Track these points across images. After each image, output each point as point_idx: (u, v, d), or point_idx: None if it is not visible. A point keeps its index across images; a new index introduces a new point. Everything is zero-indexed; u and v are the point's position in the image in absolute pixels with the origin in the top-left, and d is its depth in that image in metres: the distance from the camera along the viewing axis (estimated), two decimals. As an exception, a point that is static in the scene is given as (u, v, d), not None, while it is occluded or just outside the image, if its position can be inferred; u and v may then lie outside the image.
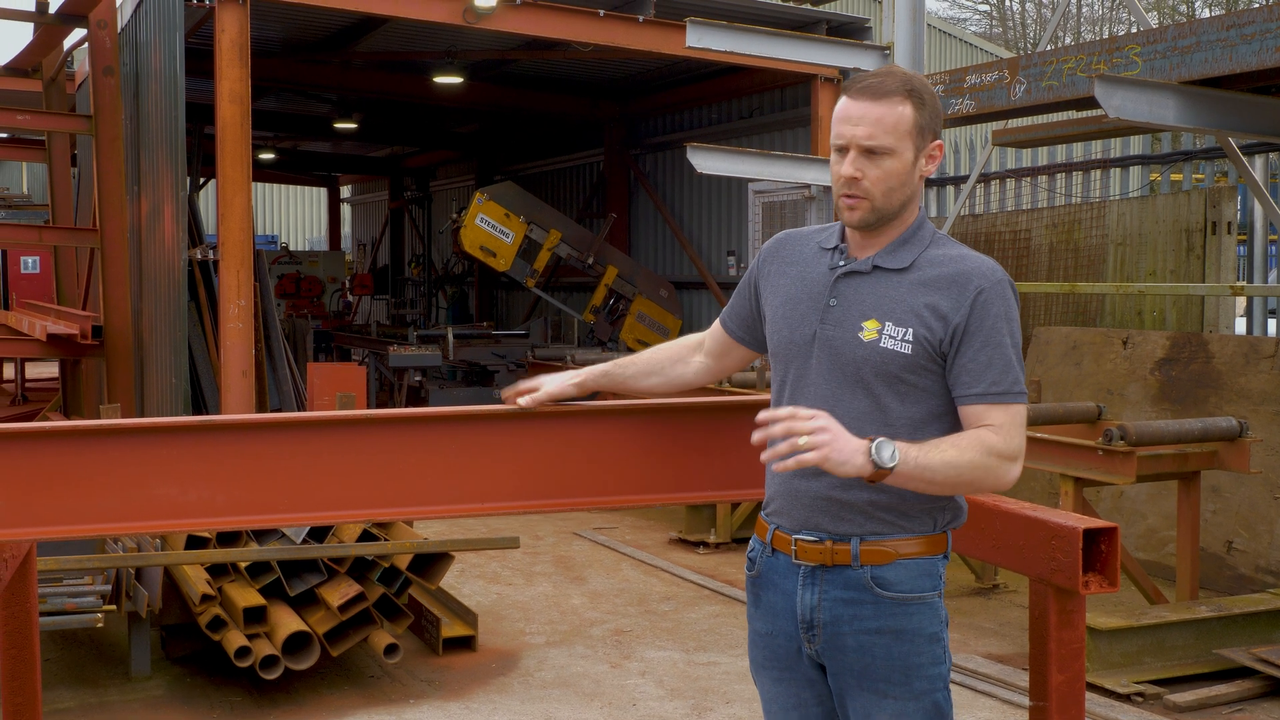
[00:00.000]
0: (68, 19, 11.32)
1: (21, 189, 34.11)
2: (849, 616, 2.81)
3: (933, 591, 2.83)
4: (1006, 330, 2.72)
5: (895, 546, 2.79)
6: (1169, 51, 6.72)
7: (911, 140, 2.75)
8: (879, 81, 2.76)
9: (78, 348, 10.85)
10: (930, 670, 2.83)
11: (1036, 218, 11.32)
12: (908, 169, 2.77)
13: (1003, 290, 2.74)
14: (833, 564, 2.81)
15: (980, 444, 2.68)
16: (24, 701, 3.47)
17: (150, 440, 2.99)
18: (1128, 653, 6.37)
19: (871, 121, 2.73)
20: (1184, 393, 8.86)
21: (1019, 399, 2.73)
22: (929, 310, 2.73)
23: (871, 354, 2.75)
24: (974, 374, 2.71)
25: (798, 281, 2.91)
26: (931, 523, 2.83)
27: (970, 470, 2.67)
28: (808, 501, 2.84)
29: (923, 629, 2.82)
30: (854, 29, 11.72)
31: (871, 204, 2.76)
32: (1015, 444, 2.71)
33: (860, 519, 2.79)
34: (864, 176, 2.74)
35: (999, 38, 41.12)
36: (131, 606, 6.14)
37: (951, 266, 2.76)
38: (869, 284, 2.81)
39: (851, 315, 2.79)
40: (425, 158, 23.60)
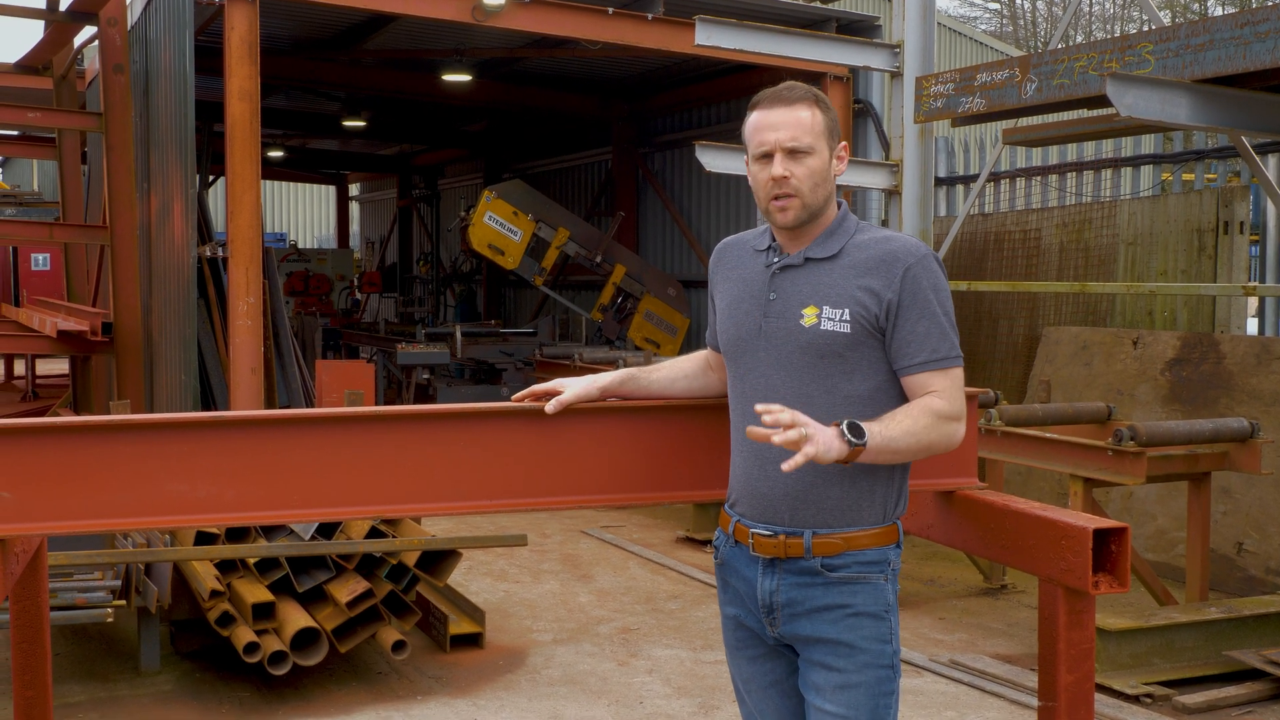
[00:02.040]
0: (78, 16, 11.33)
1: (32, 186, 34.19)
2: (802, 598, 2.98)
3: (879, 575, 2.98)
4: (936, 300, 2.92)
5: (845, 538, 2.96)
6: (1182, 50, 6.70)
7: (825, 140, 2.98)
8: (787, 91, 2.99)
9: (88, 344, 10.86)
10: (875, 646, 2.97)
11: (1047, 217, 11.30)
12: (826, 166, 2.99)
13: (928, 264, 2.93)
14: (786, 556, 2.97)
15: (929, 410, 2.87)
16: (35, 695, 3.47)
17: (159, 436, 3.00)
18: (1137, 654, 6.36)
19: (792, 125, 2.95)
20: (1195, 393, 8.84)
21: (956, 363, 2.94)
22: (863, 290, 2.91)
23: (814, 337, 2.93)
24: (914, 345, 2.90)
25: (739, 283, 3.11)
26: (881, 514, 2.99)
27: (925, 434, 2.86)
28: (765, 493, 2.99)
29: (867, 606, 2.96)
30: (864, 27, 11.71)
31: (802, 201, 2.95)
32: (958, 405, 2.93)
33: (814, 512, 2.95)
34: (792, 175, 2.94)
35: (1009, 36, 41.05)
36: (141, 602, 6.16)
37: (878, 249, 2.95)
38: (803, 275, 3.00)
39: (791, 305, 2.97)
40: (434, 156, 23.61)
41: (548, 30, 10.61)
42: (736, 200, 15.46)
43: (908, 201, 9.31)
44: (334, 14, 12.54)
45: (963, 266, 11.63)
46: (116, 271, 10.95)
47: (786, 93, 2.98)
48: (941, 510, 3.51)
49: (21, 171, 39.53)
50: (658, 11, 10.47)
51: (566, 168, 19.82)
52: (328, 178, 27.67)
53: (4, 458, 2.93)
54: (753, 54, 9.28)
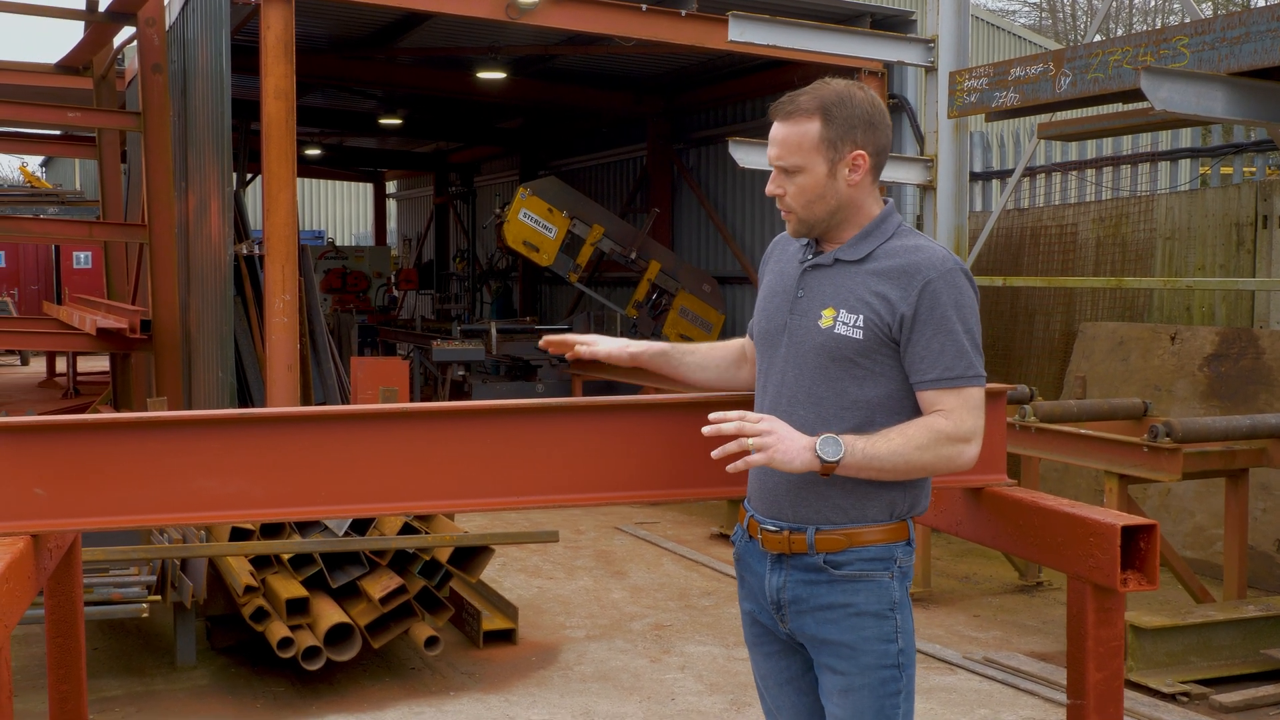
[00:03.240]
0: (117, 17, 11.44)
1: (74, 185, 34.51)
2: (807, 595, 2.96)
3: (884, 573, 2.93)
4: (957, 317, 2.84)
5: (848, 534, 2.92)
6: (1217, 42, 6.64)
7: (820, 154, 2.90)
8: (793, 105, 2.92)
9: (126, 342, 10.97)
10: (878, 646, 2.93)
11: (1083, 212, 11.22)
12: (821, 182, 2.91)
13: (952, 279, 2.85)
14: (791, 552, 2.95)
15: (929, 430, 2.81)
16: (70, 689, 3.50)
17: (190, 432, 3.03)
18: (1173, 652, 6.31)
19: (779, 142, 2.93)
20: (1233, 389, 8.77)
21: (972, 382, 2.85)
22: (877, 298, 2.86)
23: (828, 340, 2.90)
24: (927, 361, 2.84)
25: (777, 276, 3.10)
26: (888, 511, 2.94)
27: (919, 454, 2.80)
28: (772, 487, 2.99)
29: (870, 605, 2.93)
30: (898, 22, 11.67)
31: (797, 216, 2.96)
32: (967, 426, 2.84)
33: (817, 506, 2.92)
34: (785, 193, 2.95)
35: (1048, 30, 40.77)
36: (177, 597, 6.21)
37: (904, 258, 2.88)
38: (830, 275, 2.96)
39: (814, 305, 2.95)
40: (470, 153, 23.67)
41: (581, 27, 10.63)
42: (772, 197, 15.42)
43: (943, 197, 9.26)
44: (369, 13, 12.60)
45: (998, 262, 11.57)
46: (155, 269, 11.05)
47: (787, 105, 2.93)
48: (970, 507, 3.50)
49: (64, 171, 39.93)
50: (691, 8, 10.47)
51: (601, 164, 19.84)
52: (365, 175, 27.82)
53: (37, 455, 2.97)
54: (786, 50, 9.24)
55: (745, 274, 15.73)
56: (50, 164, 41.30)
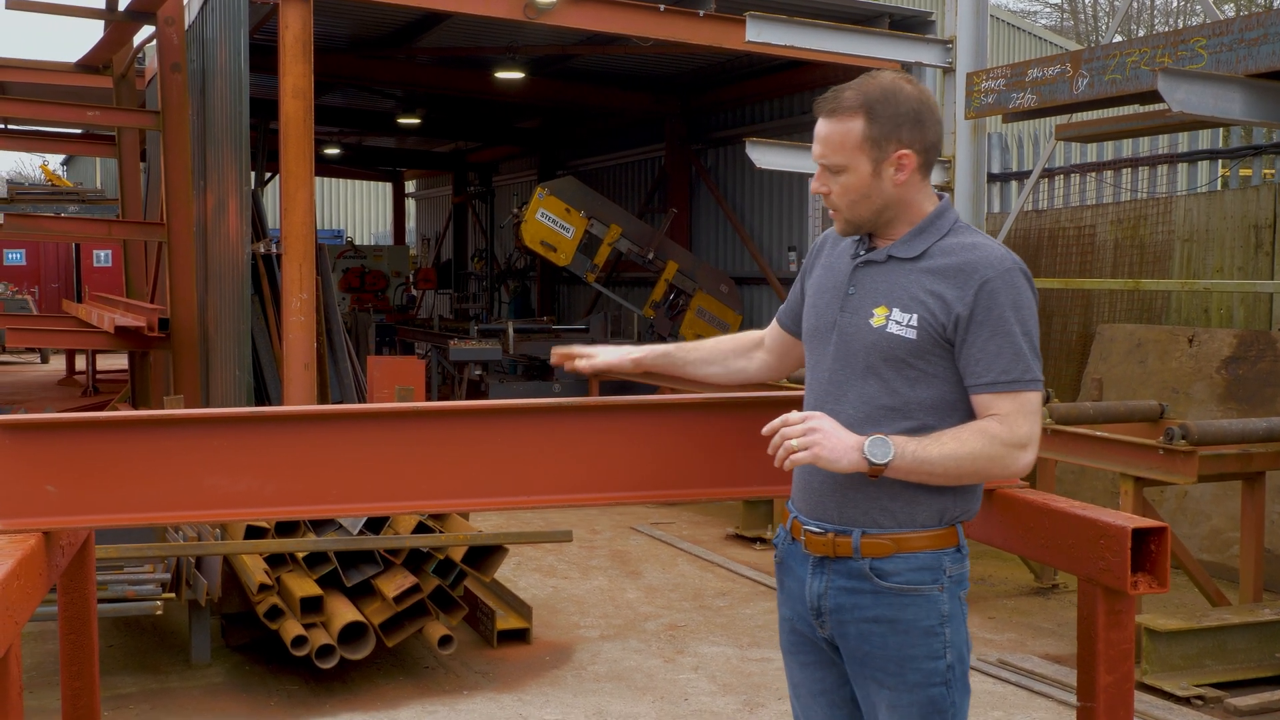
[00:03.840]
0: (136, 16, 11.50)
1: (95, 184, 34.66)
2: (850, 605, 2.86)
3: (933, 585, 2.83)
4: (1015, 319, 2.74)
5: (896, 539, 2.82)
6: (1235, 44, 6.61)
7: (864, 153, 2.80)
8: (837, 99, 2.85)
9: (144, 340, 11.02)
10: (925, 664, 2.83)
11: (1101, 213, 11.19)
12: (865, 182, 2.82)
13: (1011, 279, 2.75)
14: (835, 555, 2.86)
15: (983, 434, 2.72)
16: (82, 686, 3.52)
17: (201, 430, 3.04)
18: (1188, 655, 6.29)
19: (822, 140, 2.85)
20: (1251, 392, 8.73)
21: (1029, 387, 2.75)
22: (933, 297, 2.77)
23: (880, 339, 2.81)
24: (983, 364, 2.74)
25: (827, 271, 3.00)
26: (937, 516, 2.84)
27: (972, 460, 2.72)
28: (817, 488, 2.90)
29: (918, 621, 2.82)
30: (916, 23, 11.65)
31: (843, 216, 2.87)
32: (1022, 431, 2.74)
33: (864, 508, 2.83)
34: (829, 191, 2.86)
35: (1070, 31, 40.64)
36: (192, 595, 6.23)
37: (960, 256, 2.79)
38: (883, 273, 2.87)
39: (865, 303, 2.86)
40: (488, 153, 23.72)
41: (599, 27, 10.64)
42: (789, 197, 15.43)
43: (960, 197, 9.23)
44: (387, 12, 12.64)
45: (1016, 263, 11.52)
46: (173, 268, 11.10)
47: (831, 102, 2.84)
48: (982, 509, 3.48)
49: (85, 169, 40.11)
50: (709, 8, 10.47)
51: (619, 164, 19.86)
52: (384, 175, 27.89)
53: (48, 452, 2.98)
54: (804, 50, 9.23)
55: (763, 275, 15.72)
56: (71, 162, 41.50)
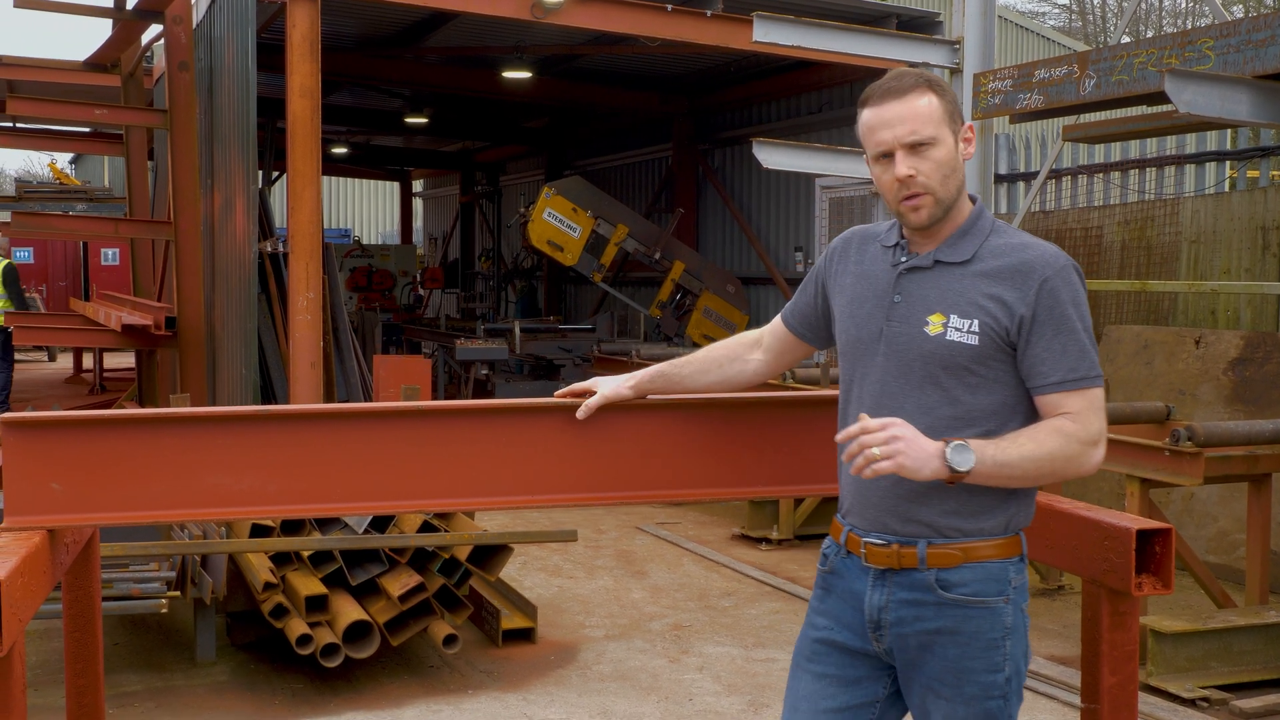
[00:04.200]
0: (144, 14, 11.50)
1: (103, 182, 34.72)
2: (911, 617, 2.81)
3: (998, 597, 2.78)
4: (1076, 315, 2.71)
5: (964, 549, 2.78)
6: (1243, 45, 6.60)
7: (948, 125, 2.77)
8: (896, 83, 2.79)
9: (151, 338, 11.03)
10: (984, 677, 2.79)
11: (1109, 214, 11.18)
12: (953, 154, 2.78)
13: (1067, 276, 2.72)
14: (900, 567, 2.81)
15: (1058, 433, 2.68)
16: (87, 684, 3.52)
17: (204, 429, 3.04)
18: (1193, 657, 6.28)
19: (909, 117, 2.75)
20: (1258, 393, 8.71)
21: (1095, 383, 2.72)
22: (993, 301, 2.72)
23: (939, 347, 2.75)
24: (1049, 364, 2.70)
25: (862, 280, 2.92)
26: (1003, 523, 2.80)
27: (1050, 461, 2.67)
28: (876, 502, 2.83)
29: (981, 633, 2.78)
30: (924, 23, 11.65)
31: (934, 197, 2.76)
32: (1095, 428, 2.71)
33: (929, 518, 2.78)
34: (918, 172, 2.74)
35: (1078, 32, 40.59)
36: (197, 593, 6.24)
37: (1014, 256, 2.75)
38: (932, 278, 2.81)
39: (916, 310, 2.79)
40: (495, 152, 23.74)
41: (607, 27, 10.64)
42: (796, 197, 15.43)
43: (967, 199, 9.23)
44: (395, 11, 12.65)
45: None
46: (180, 266, 11.11)
47: (896, 83, 2.78)
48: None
49: (93, 167, 40.18)
50: (716, 8, 10.47)
51: (626, 164, 19.87)
52: (391, 174, 27.92)
53: (53, 450, 2.98)
54: (811, 50, 9.23)
55: (769, 275, 15.71)
56: (79, 161, 41.57)
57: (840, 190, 10.79)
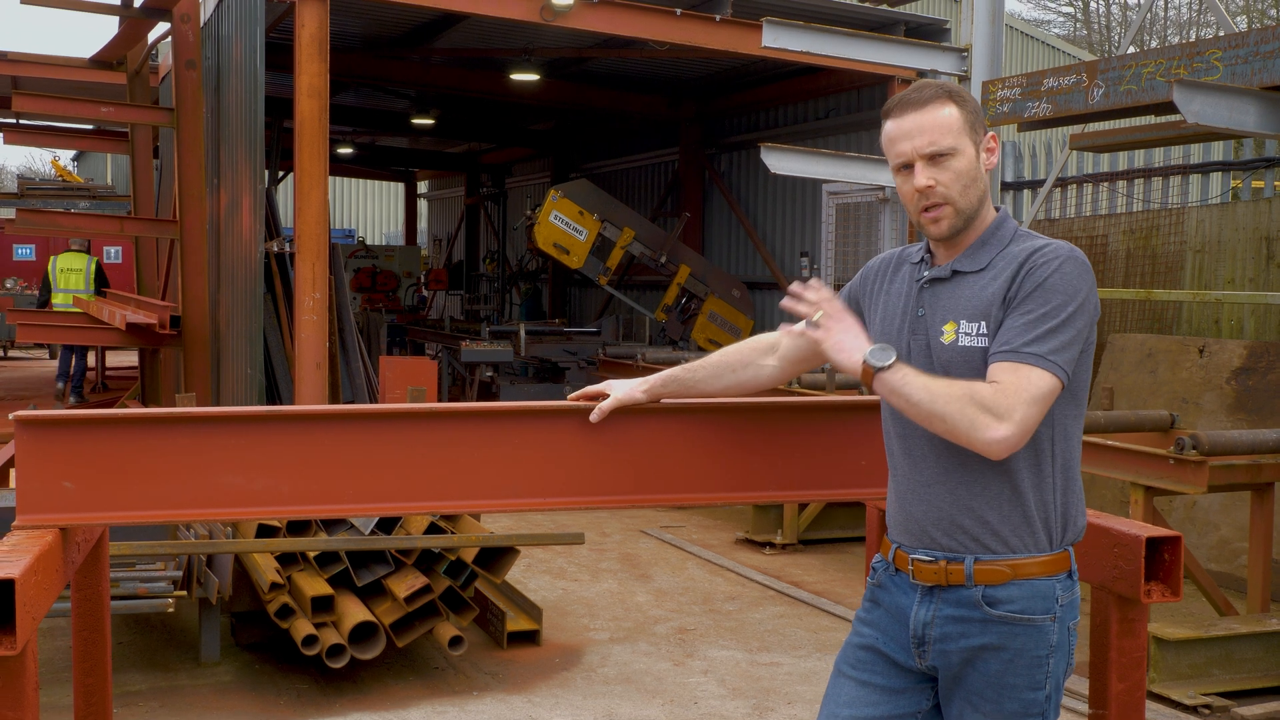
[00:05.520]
0: (152, 12, 11.52)
1: (106, 180, 34.72)
2: (957, 633, 2.79)
3: (1044, 615, 2.75)
4: (1056, 299, 2.65)
5: (1012, 565, 2.75)
6: (1251, 56, 6.61)
7: (968, 136, 2.78)
8: (918, 94, 2.80)
9: (156, 337, 11.04)
10: (1026, 694, 2.76)
11: (1114, 223, 11.18)
12: (974, 164, 2.79)
13: (1058, 264, 2.68)
14: (947, 584, 2.79)
15: (969, 391, 2.61)
16: (95, 683, 3.53)
17: (217, 429, 3.05)
18: (1195, 664, 6.29)
19: (928, 129, 2.76)
20: (1261, 403, 8.72)
21: (1038, 363, 2.61)
22: (993, 296, 2.72)
23: (954, 355, 2.74)
24: (1004, 334, 2.66)
25: (892, 297, 2.94)
26: (1047, 539, 2.76)
27: (945, 405, 2.61)
28: (919, 518, 2.83)
29: (1026, 650, 2.75)
30: (932, 30, 11.65)
31: (954, 207, 2.77)
32: (1006, 404, 2.58)
33: (974, 533, 2.76)
34: (938, 183, 2.76)
35: (1083, 40, 40.62)
36: (202, 593, 6.25)
37: (1020, 257, 2.73)
38: (950, 289, 2.81)
39: (936, 322, 2.80)
40: (501, 154, 23.76)
41: (616, 31, 10.64)
42: (803, 202, 15.44)
43: (973, 206, 9.24)
44: (404, 12, 12.66)
45: (1028, 271, 11.52)
46: (185, 265, 11.12)
47: (916, 94, 2.79)
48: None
49: (95, 165, 40.19)
50: (726, 13, 10.48)
51: (633, 168, 19.88)
52: (397, 175, 27.94)
53: (66, 449, 2.99)
54: (820, 56, 9.25)
55: (774, 279, 15.72)
56: (82, 158, 41.58)
57: (847, 196, 10.80)
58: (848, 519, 9.66)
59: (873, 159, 10.21)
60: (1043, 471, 2.74)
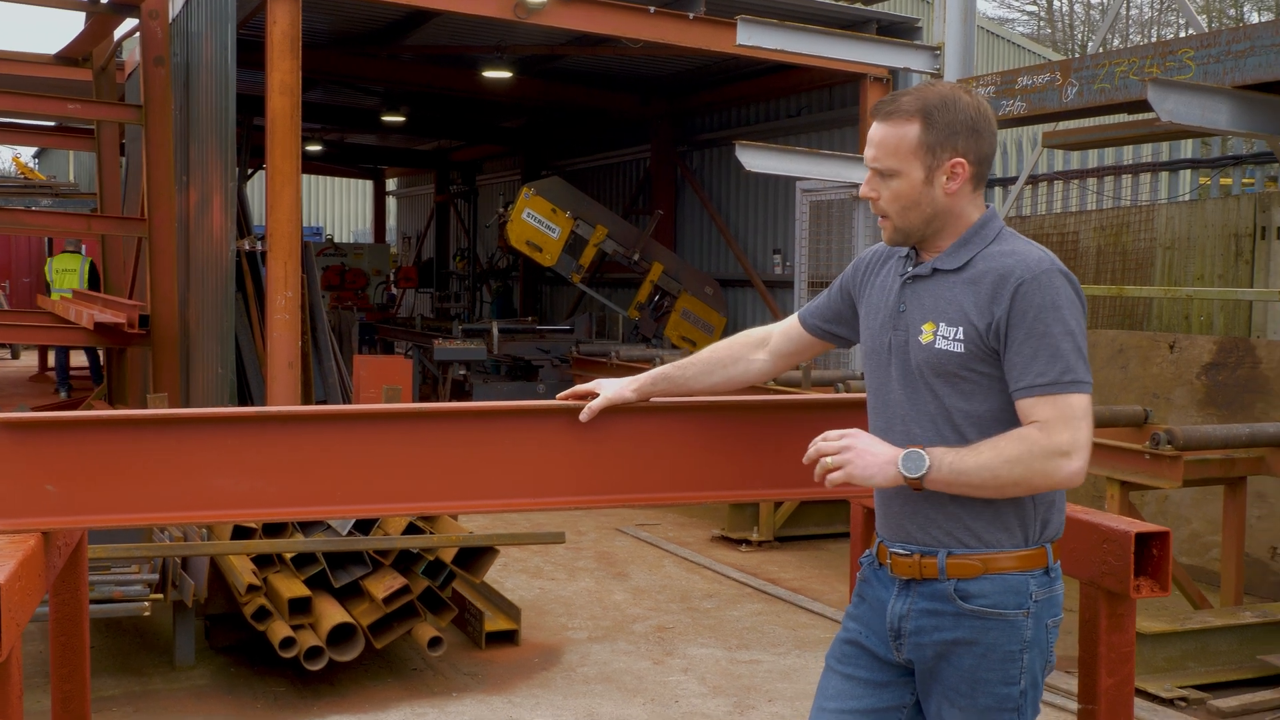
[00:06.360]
0: (120, 8, 11.42)
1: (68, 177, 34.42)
2: (930, 626, 2.80)
3: (1017, 610, 2.75)
4: (1054, 319, 2.65)
5: (984, 560, 2.76)
6: (1223, 55, 6.66)
7: (918, 159, 2.76)
8: (894, 103, 2.80)
9: (124, 337, 10.94)
10: (999, 689, 2.77)
11: (1085, 220, 11.24)
12: (917, 188, 2.77)
13: (1048, 280, 2.67)
14: (921, 577, 2.81)
15: (1021, 442, 2.63)
16: (73, 689, 3.49)
17: (204, 430, 3.02)
18: (1171, 657, 6.33)
19: (877, 144, 2.80)
20: (1230, 398, 8.78)
21: (1071, 389, 2.64)
22: (973, 307, 2.72)
23: (930, 355, 2.76)
24: (1019, 369, 2.66)
25: (878, 291, 2.96)
26: (1023, 535, 2.77)
27: (1010, 469, 2.62)
28: (896, 511, 2.86)
29: (998, 645, 2.76)
30: (904, 29, 11.67)
31: (892, 223, 2.83)
32: (1064, 438, 2.61)
33: (947, 528, 2.78)
34: (879, 196, 2.81)
35: (1046, 39, 40.84)
36: (177, 596, 6.19)
37: (999, 262, 2.73)
38: (929, 287, 2.82)
39: (915, 319, 2.81)
40: (472, 151, 23.68)
41: (589, 28, 10.63)
42: (775, 200, 15.45)
43: (946, 203, 9.27)
44: (375, 9, 12.60)
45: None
46: (154, 264, 11.02)
47: (888, 105, 2.80)
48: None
49: (57, 163, 39.81)
50: (699, 11, 10.48)
51: (605, 165, 19.86)
52: (365, 172, 27.82)
53: (49, 451, 2.95)
54: (793, 54, 9.26)
55: (747, 277, 15.74)
56: (43, 155, 41.19)
57: (821, 194, 10.81)
58: (823, 516, 9.67)
59: (847, 157, 10.23)
60: None
